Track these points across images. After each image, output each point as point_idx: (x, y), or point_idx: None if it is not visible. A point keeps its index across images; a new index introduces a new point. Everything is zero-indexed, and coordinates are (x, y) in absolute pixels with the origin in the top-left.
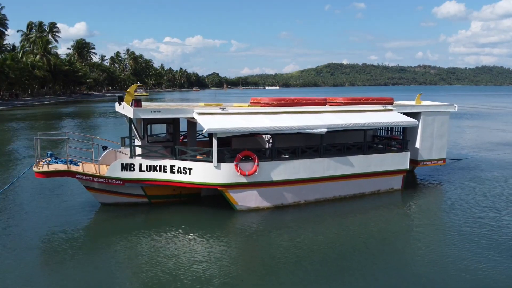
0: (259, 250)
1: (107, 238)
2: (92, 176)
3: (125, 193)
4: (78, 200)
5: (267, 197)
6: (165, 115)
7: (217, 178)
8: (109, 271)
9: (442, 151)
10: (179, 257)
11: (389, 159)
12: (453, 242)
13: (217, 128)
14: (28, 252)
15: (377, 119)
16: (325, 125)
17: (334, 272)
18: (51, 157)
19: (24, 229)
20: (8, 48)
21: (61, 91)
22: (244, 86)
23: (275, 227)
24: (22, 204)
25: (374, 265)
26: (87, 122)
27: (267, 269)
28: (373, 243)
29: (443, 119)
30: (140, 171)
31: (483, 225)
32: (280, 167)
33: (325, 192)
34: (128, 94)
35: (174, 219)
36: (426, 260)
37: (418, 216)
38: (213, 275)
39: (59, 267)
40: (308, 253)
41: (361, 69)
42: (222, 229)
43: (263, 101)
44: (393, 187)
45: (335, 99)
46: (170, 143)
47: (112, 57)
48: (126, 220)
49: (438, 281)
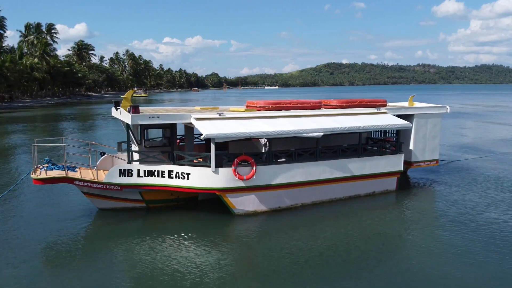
0: (257, 253)
1: (106, 243)
2: (90, 182)
3: (123, 198)
4: (76, 206)
5: (264, 200)
6: (163, 120)
7: (215, 183)
8: (108, 276)
9: (435, 152)
10: (178, 262)
11: (384, 161)
12: (447, 241)
13: (215, 133)
14: (26, 258)
15: (372, 122)
16: (321, 128)
17: (333, 275)
18: (48, 163)
19: (21, 235)
20: (7, 50)
21: (60, 93)
22: (243, 86)
23: (273, 231)
24: (19, 210)
25: (372, 266)
26: (85, 125)
27: (265, 273)
28: (370, 244)
29: (435, 121)
30: (138, 177)
31: (475, 224)
32: (277, 171)
33: (321, 194)
34: (125, 100)
35: (172, 223)
36: (421, 260)
37: (412, 217)
38: (212, 279)
39: (57, 273)
40: (306, 256)
41: (360, 68)
42: (220, 233)
43: (259, 104)
44: (387, 189)
45: (329, 102)
46: (167, 147)
47: (111, 58)
48: (124, 225)
49: (434, 280)
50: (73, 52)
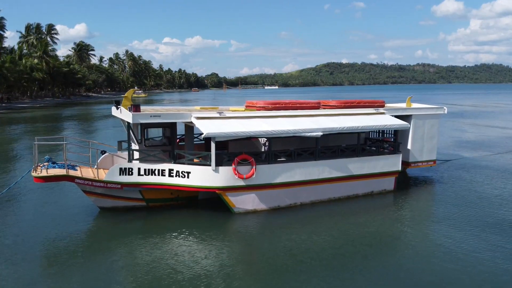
0: (257, 252)
1: (106, 243)
2: (91, 180)
3: (123, 197)
4: (76, 204)
5: (264, 199)
6: (164, 119)
7: (216, 182)
8: (108, 276)
9: (432, 153)
10: (179, 261)
11: (382, 161)
12: (444, 240)
13: (216, 132)
14: (26, 256)
15: (371, 122)
16: (320, 128)
17: (331, 273)
18: (48, 161)
19: (21, 233)
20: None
21: (60, 93)
22: (243, 86)
23: (272, 229)
24: (19, 209)
25: (370, 265)
26: (85, 124)
27: (265, 271)
28: (368, 243)
29: (433, 121)
30: (138, 175)
31: (473, 223)
32: (277, 170)
33: (320, 194)
34: (126, 99)
35: (172, 222)
36: (419, 259)
37: (410, 217)
38: (212, 278)
39: (57, 272)
40: (305, 255)
41: (360, 68)
42: (220, 231)
43: (259, 104)
44: (385, 188)
45: (328, 102)
46: (167, 146)
47: (111, 58)
48: (125, 224)
49: (433, 280)
50: (73, 52)
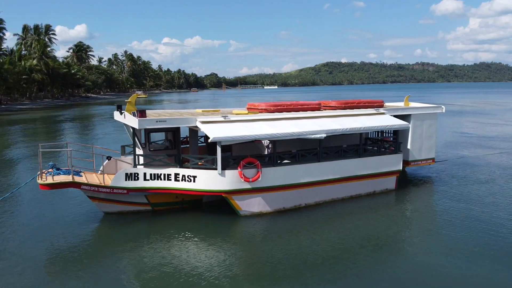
0: (263, 255)
1: (111, 247)
2: (97, 186)
3: (129, 202)
4: (80, 209)
5: (269, 202)
6: (169, 124)
7: (222, 185)
8: (114, 281)
9: (431, 151)
10: (185, 264)
11: (384, 161)
12: (445, 239)
13: (222, 136)
14: (31, 262)
15: (372, 123)
16: (324, 130)
17: (336, 274)
18: (52, 168)
19: (26, 239)
20: (6, 52)
21: (59, 94)
22: (242, 86)
23: (278, 231)
24: (23, 214)
25: (375, 265)
26: (86, 127)
27: (271, 273)
28: (373, 244)
29: (431, 120)
30: (144, 180)
31: (473, 221)
32: (281, 172)
33: (324, 195)
34: (130, 104)
35: (178, 226)
36: (422, 259)
37: (412, 216)
38: (219, 281)
39: (62, 277)
40: (310, 256)
41: (359, 67)
42: (226, 234)
43: (260, 106)
44: (387, 188)
45: (328, 103)
46: (171, 150)
47: (110, 59)
48: (129, 228)
49: (434, 278)
50: (72, 53)
